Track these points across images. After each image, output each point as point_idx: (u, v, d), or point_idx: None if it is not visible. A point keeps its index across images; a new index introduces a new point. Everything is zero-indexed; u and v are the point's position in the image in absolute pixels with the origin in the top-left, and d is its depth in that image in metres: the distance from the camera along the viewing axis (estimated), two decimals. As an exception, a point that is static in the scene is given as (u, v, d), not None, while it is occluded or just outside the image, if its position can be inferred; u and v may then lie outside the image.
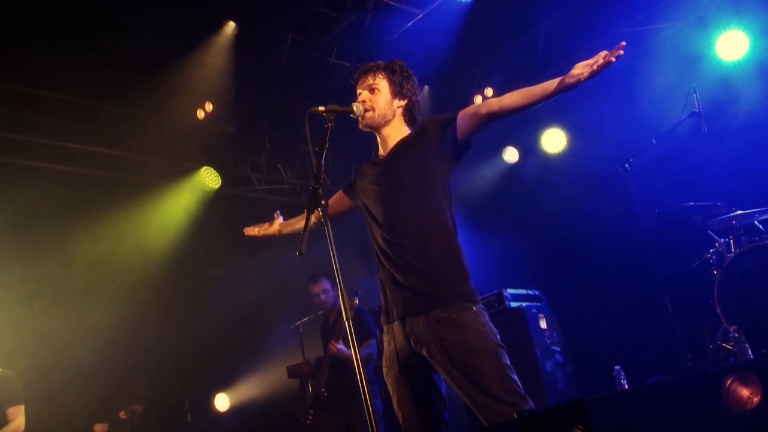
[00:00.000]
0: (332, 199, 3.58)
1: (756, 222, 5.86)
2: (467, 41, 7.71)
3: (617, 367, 5.81)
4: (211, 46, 7.46)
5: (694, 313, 6.04)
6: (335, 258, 2.84)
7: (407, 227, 3.11)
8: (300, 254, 2.74)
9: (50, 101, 7.28)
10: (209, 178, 8.51)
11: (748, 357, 5.00)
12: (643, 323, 6.75)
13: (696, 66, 6.91)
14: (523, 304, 6.53)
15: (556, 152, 8.31)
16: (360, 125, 3.34)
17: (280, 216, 3.83)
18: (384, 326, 3.20)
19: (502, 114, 3.06)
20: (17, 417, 5.71)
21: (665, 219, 6.23)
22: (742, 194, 6.03)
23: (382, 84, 3.33)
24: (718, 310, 5.52)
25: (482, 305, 3.08)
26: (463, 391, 2.91)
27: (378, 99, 3.30)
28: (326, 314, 6.56)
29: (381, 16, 7.47)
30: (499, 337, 2.99)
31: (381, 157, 3.35)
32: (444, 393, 3.12)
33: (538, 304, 6.69)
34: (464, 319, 2.96)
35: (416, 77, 3.42)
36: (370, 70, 3.36)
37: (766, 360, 4.87)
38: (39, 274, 7.05)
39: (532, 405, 2.85)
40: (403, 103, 3.35)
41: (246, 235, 3.88)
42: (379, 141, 3.39)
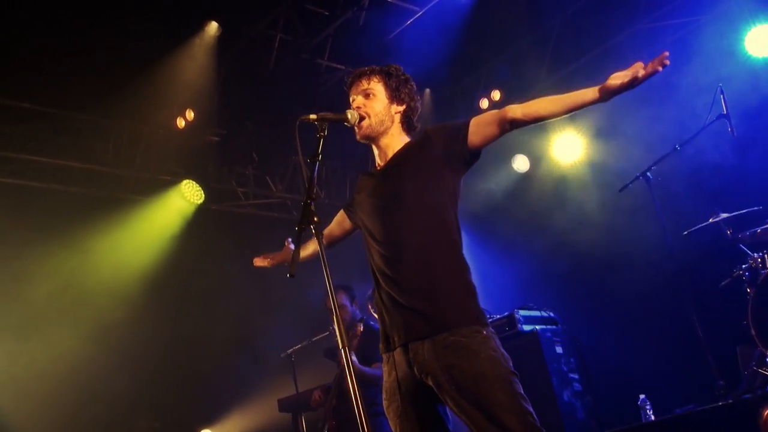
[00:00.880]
0: (333, 222, 3.59)
1: (793, 234, 5.83)
2: (472, 39, 7.73)
3: (642, 396, 5.78)
4: (192, 49, 7.47)
5: (726, 336, 6.01)
6: (329, 279, 2.80)
7: (408, 243, 3.09)
8: (291, 276, 2.71)
9: (14, 111, 7.26)
10: (191, 193, 8.50)
11: (787, 383, 4.98)
12: (670, 347, 6.72)
13: (722, 64, 6.90)
14: (537, 327, 6.51)
15: (571, 160, 8.31)
16: (357, 137, 3.32)
17: (291, 243, 3.80)
18: (383, 355, 3.16)
19: (526, 122, 3.04)
20: None
21: (692, 232, 6.21)
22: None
23: (378, 88, 3.32)
24: (753, 332, 5.48)
25: (492, 328, 3.05)
26: (474, 424, 2.88)
27: (374, 104, 3.29)
28: None
29: (377, 14, 7.49)
30: (512, 364, 2.96)
31: (379, 168, 3.34)
32: (450, 427, 3.09)
33: (554, 327, 6.66)
34: (474, 344, 2.93)
35: (416, 79, 3.42)
36: (364, 74, 3.35)
37: (807, 386, 4.84)
38: (1, 299, 7.03)
39: (550, 440, 2.82)
40: (401, 109, 3.34)
41: (255, 266, 3.88)
42: (377, 153, 3.37)
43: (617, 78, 2.81)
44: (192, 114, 8.02)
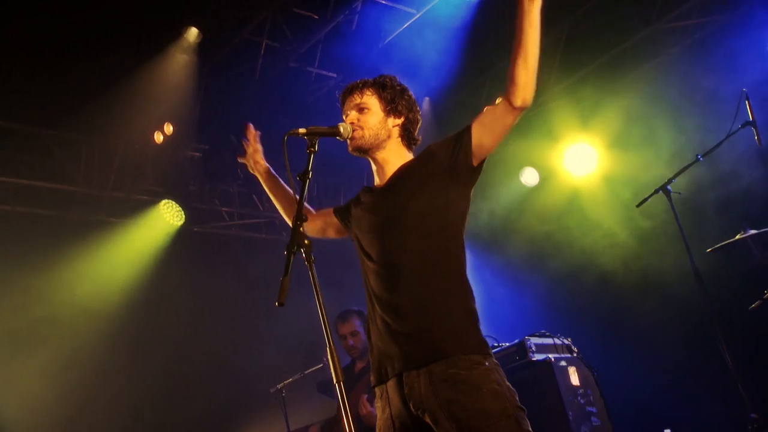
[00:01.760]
0: (317, 213, 3.65)
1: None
2: (474, 44, 7.75)
3: (667, 431, 5.74)
4: (170, 57, 7.47)
5: (758, 364, 5.99)
6: (322, 307, 2.78)
7: (407, 265, 3.08)
8: (280, 304, 2.70)
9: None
10: (170, 214, 8.48)
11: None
12: (697, 377, 6.70)
13: (747, 67, 6.93)
14: (551, 356, 6.47)
15: (584, 173, 8.31)
16: (349, 149, 3.33)
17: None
18: (376, 390, 3.14)
19: (518, 88, 3.15)
20: None
21: (717, 250, 6.19)
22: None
23: (371, 101, 3.33)
24: (787, 360, 5.47)
25: (495, 359, 3.03)
26: (475, 465, 2.85)
27: (368, 119, 3.30)
28: (353, 361, 6.39)
29: (371, 17, 7.52)
30: (518, 398, 2.94)
31: (379, 186, 3.34)
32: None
33: (569, 356, 6.62)
34: (475, 378, 2.91)
35: (414, 87, 3.43)
36: (356, 88, 3.37)
37: None
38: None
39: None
40: (399, 122, 3.35)
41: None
42: (375, 169, 3.38)
43: None
44: (170, 128, 7.99)
